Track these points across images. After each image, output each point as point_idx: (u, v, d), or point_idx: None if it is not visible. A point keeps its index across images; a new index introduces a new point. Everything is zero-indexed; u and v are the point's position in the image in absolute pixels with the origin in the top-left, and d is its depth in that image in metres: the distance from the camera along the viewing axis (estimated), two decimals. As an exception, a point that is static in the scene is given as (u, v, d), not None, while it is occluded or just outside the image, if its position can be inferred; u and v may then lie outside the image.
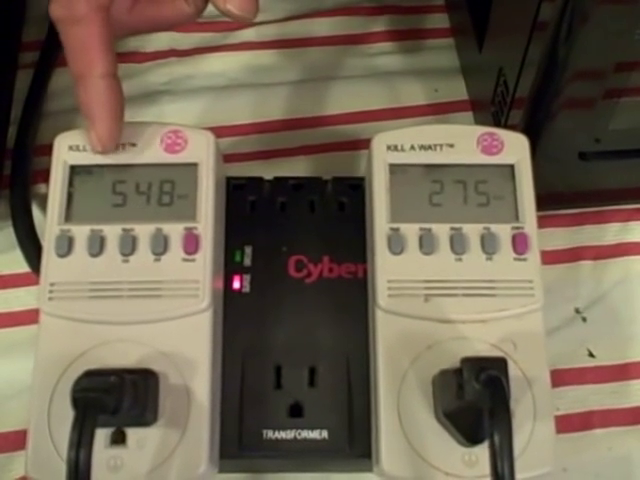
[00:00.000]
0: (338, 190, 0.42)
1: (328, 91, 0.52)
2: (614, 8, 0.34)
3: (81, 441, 0.30)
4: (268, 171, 0.43)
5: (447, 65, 0.54)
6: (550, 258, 0.47)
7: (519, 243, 0.37)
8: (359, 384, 0.38)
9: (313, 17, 0.55)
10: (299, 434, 0.37)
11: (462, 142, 0.39)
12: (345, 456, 0.37)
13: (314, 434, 0.37)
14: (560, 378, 0.43)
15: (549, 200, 0.44)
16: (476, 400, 0.31)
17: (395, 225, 0.37)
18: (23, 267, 0.45)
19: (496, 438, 0.29)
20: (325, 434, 0.37)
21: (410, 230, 0.37)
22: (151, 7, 0.37)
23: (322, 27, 0.55)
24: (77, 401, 0.31)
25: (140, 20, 0.38)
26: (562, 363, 0.44)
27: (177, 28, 0.54)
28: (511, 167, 0.39)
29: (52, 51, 0.53)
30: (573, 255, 0.48)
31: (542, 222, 0.40)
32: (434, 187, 0.38)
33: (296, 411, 0.38)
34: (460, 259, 0.37)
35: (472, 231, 0.37)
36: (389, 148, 0.39)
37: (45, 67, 0.53)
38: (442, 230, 0.37)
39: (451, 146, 0.39)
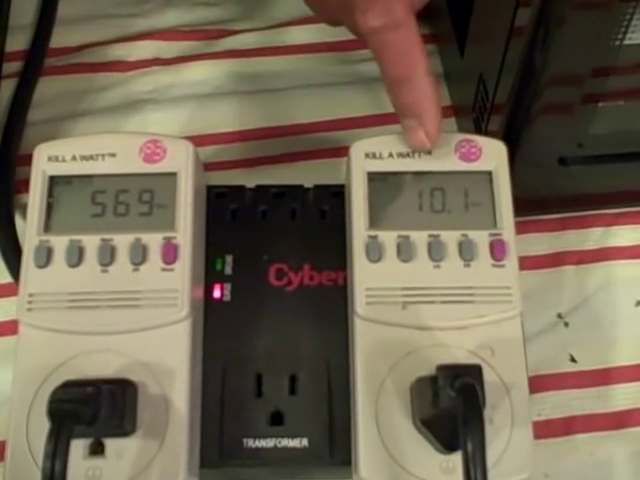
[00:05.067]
0: (319, 198, 0.42)
1: (310, 98, 0.52)
2: (589, 13, 0.35)
3: (56, 452, 0.30)
4: (251, 179, 0.43)
5: (430, 71, 0.54)
6: (532, 263, 0.47)
7: (497, 249, 0.37)
8: (339, 392, 0.38)
9: (296, 25, 0.55)
10: (279, 442, 0.37)
11: (440, 149, 0.39)
12: (325, 464, 0.37)
13: (294, 442, 0.37)
14: (542, 383, 0.44)
15: (531, 205, 0.45)
16: (451, 407, 0.31)
17: (373, 233, 0.37)
18: (5, 277, 0.45)
19: (469, 445, 0.29)
20: (305, 442, 0.37)
21: (388, 237, 0.37)
22: None
23: (304, 34, 0.55)
24: (53, 412, 0.31)
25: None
26: (544, 368, 0.44)
27: (161, 36, 0.54)
28: (489, 174, 0.39)
29: (36, 61, 0.53)
30: (555, 260, 0.48)
31: (524, 227, 0.40)
32: (412, 194, 0.38)
33: (277, 419, 0.38)
34: (438, 266, 0.37)
35: (450, 238, 0.37)
36: (367, 156, 0.39)
37: (29, 77, 0.52)
38: (420, 237, 0.37)
39: (429, 153, 0.39)
